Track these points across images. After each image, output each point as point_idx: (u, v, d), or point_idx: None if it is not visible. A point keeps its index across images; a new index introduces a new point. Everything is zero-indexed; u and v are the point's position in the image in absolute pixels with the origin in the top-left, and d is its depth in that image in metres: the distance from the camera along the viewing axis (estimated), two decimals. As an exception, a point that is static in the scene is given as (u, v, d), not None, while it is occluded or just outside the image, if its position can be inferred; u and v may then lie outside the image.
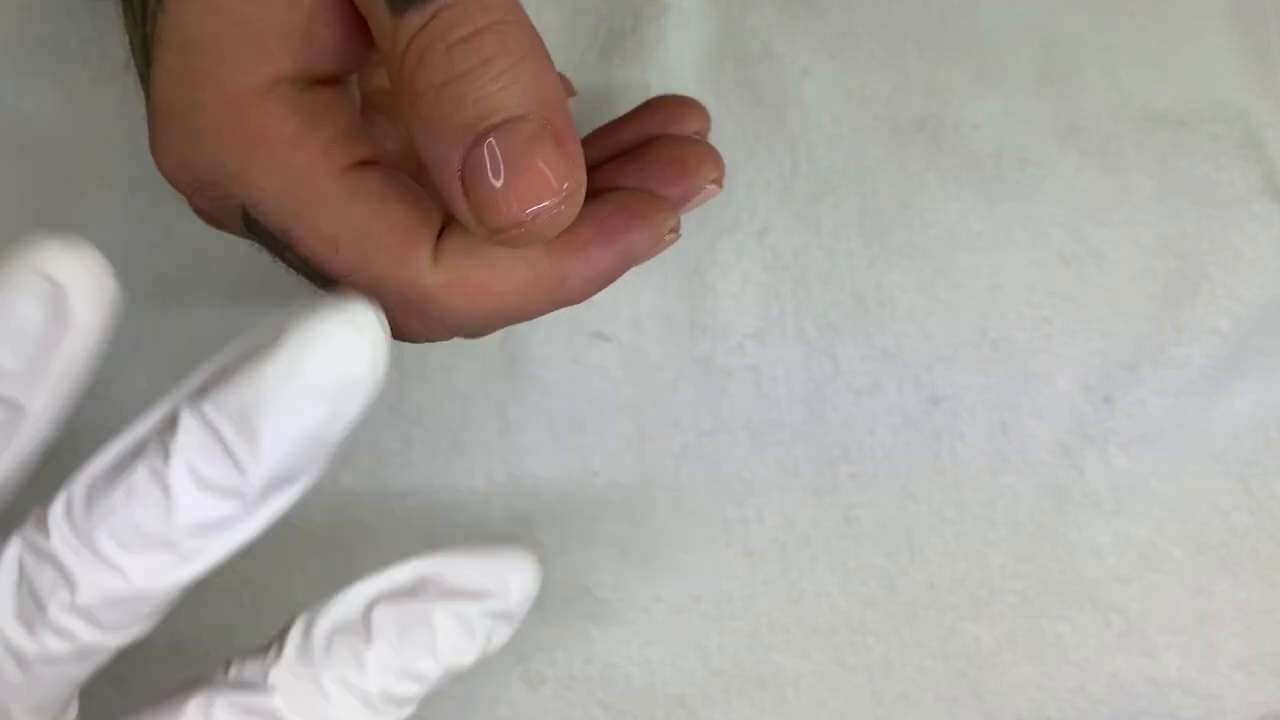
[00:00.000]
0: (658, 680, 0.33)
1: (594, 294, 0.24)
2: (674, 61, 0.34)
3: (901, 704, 0.34)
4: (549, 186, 0.20)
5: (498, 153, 0.19)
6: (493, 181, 0.19)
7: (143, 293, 0.33)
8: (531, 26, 0.21)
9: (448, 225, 0.23)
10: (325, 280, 0.22)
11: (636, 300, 0.34)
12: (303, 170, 0.21)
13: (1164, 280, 0.34)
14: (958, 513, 0.34)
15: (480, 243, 0.22)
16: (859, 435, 0.34)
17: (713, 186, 0.26)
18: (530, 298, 0.23)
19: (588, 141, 0.28)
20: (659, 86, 0.34)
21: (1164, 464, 0.34)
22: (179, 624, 0.33)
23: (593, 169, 0.27)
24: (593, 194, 0.24)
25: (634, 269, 0.34)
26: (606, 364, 0.34)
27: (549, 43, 0.34)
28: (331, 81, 0.22)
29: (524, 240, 0.20)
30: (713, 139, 0.34)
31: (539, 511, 0.33)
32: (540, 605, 0.33)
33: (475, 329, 0.23)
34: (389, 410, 0.33)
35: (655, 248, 0.25)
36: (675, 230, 0.25)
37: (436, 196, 0.22)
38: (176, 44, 0.21)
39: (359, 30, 0.22)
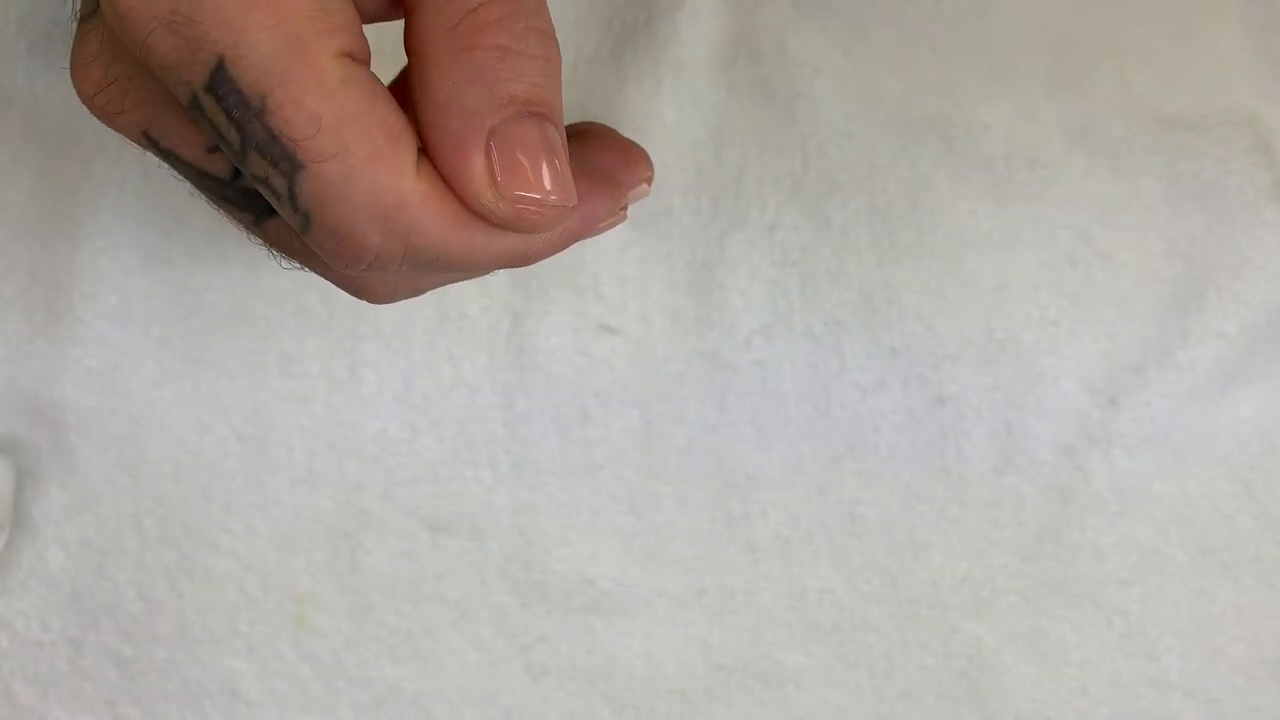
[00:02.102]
0: (659, 673, 0.33)
1: (548, 256, 0.23)
2: (686, 57, 0.34)
3: (902, 702, 0.34)
4: (559, 187, 0.21)
5: (537, 135, 0.20)
6: (522, 155, 0.20)
7: (153, 277, 0.33)
8: None
9: None
10: (285, 166, 0.21)
11: (644, 294, 0.34)
12: (303, 39, 0.20)
13: (1171, 284, 0.34)
14: (961, 512, 0.34)
15: None
16: (864, 433, 0.34)
17: (644, 185, 0.26)
18: (494, 242, 0.22)
19: None
20: (671, 81, 0.34)
21: (1168, 467, 0.34)
22: (184, 608, 0.33)
23: None
24: None
25: (643, 261, 0.34)
26: (613, 357, 0.34)
27: (560, 35, 0.35)
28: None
29: (526, 219, 0.21)
30: (725, 134, 0.34)
31: (543, 502, 0.33)
32: (544, 596, 0.33)
33: (427, 261, 0.22)
34: (395, 399, 0.33)
35: (609, 221, 0.25)
36: (624, 210, 0.26)
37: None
38: None
39: None
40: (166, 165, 0.23)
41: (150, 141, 0.23)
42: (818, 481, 0.34)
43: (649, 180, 0.27)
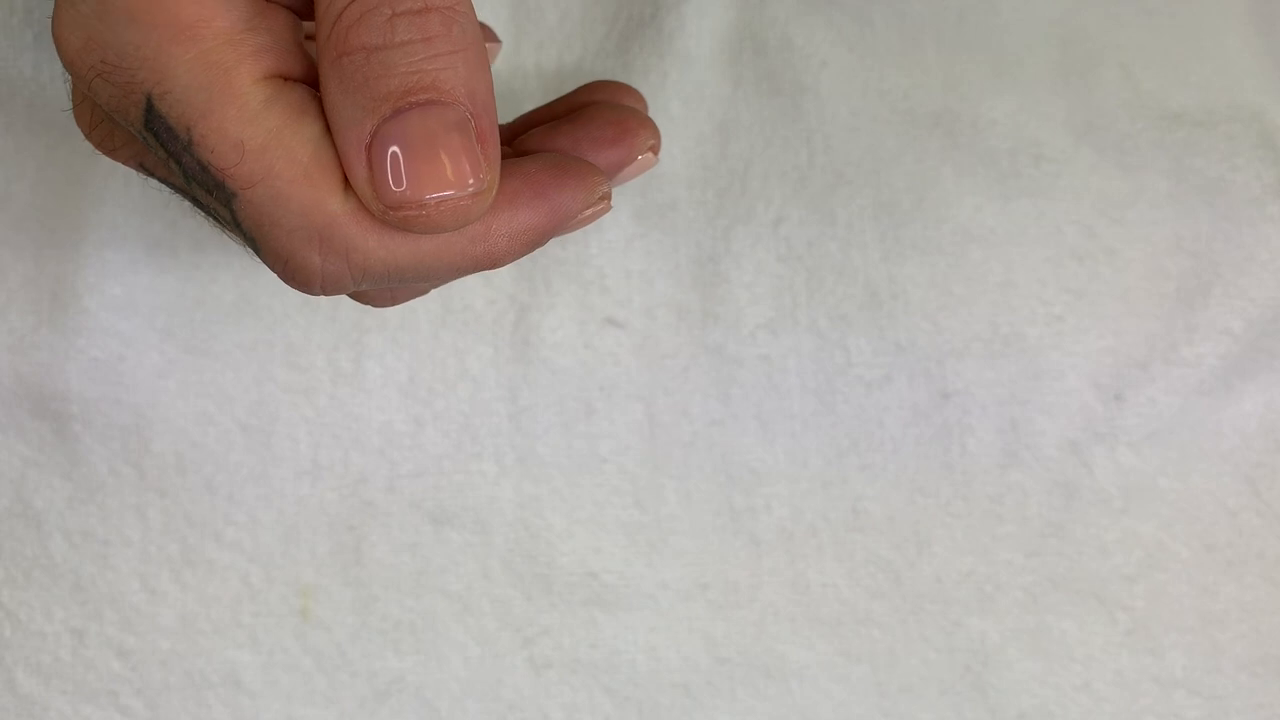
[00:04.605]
0: (662, 667, 0.33)
1: (518, 256, 0.22)
2: (692, 50, 0.34)
3: (905, 697, 0.34)
4: (458, 178, 0.20)
5: (414, 130, 0.19)
6: (400, 157, 0.19)
7: (158, 268, 0.33)
8: (478, 25, 0.20)
9: None
10: (220, 196, 0.21)
11: (649, 288, 0.34)
12: (223, 66, 0.20)
13: (1177, 279, 0.34)
14: (966, 507, 0.34)
15: None
16: (869, 428, 0.34)
17: (649, 155, 0.25)
18: (449, 248, 0.21)
19: (520, 116, 0.27)
20: (677, 75, 0.34)
21: (1173, 463, 0.34)
22: (187, 600, 0.33)
23: (525, 130, 0.26)
24: (523, 154, 0.23)
25: (648, 255, 0.34)
26: (618, 350, 0.34)
27: (567, 29, 0.35)
28: (285, 5, 0.22)
29: (419, 225, 0.20)
30: (730, 128, 0.34)
31: (547, 495, 0.33)
32: (547, 589, 0.33)
33: (380, 275, 0.21)
34: (400, 392, 0.33)
35: (586, 212, 0.23)
36: (607, 198, 0.24)
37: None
38: None
39: None
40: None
41: (146, 171, 0.23)
42: (822, 476, 0.34)
43: (654, 149, 0.25)
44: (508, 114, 0.34)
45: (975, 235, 0.34)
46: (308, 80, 0.21)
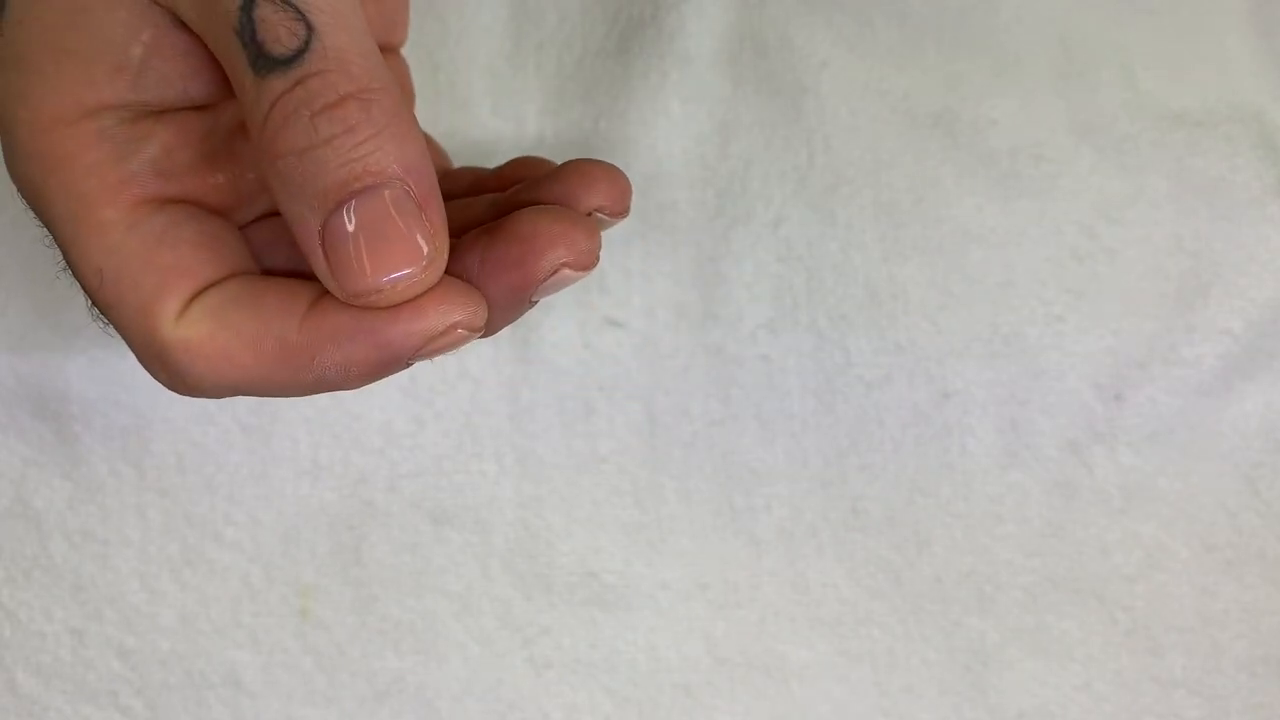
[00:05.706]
0: (662, 667, 0.33)
1: (363, 383, 0.22)
2: (692, 51, 0.34)
3: (905, 697, 0.34)
4: (409, 255, 0.20)
5: (358, 220, 0.20)
6: (352, 248, 0.20)
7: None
8: (398, 92, 0.20)
9: (219, 282, 0.22)
10: (99, 312, 0.22)
11: (650, 287, 0.34)
12: (87, 198, 0.21)
13: (1177, 280, 0.34)
14: (966, 507, 0.34)
15: (230, 307, 0.21)
16: (869, 428, 0.34)
17: (566, 270, 0.22)
18: (276, 373, 0.21)
19: (459, 204, 0.26)
20: (677, 75, 0.34)
21: (1173, 463, 0.34)
22: (187, 600, 0.33)
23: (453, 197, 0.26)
24: None
25: (649, 255, 0.34)
26: (618, 350, 0.34)
27: (567, 29, 0.35)
28: (187, 109, 0.22)
29: (382, 304, 0.21)
30: (730, 128, 0.34)
31: (547, 495, 0.33)
32: (547, 589, 0.33)
33: (214, 392, 0.22)
34: (400, 391, 0.33)
35: (430, 345, 0.21)
36: (470, 328, 0.21)
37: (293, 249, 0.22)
38: (8, 62, 0.21)
39: (211, 64, 0.22)
40: None
41: None
42: (821, 476, 0.34)
43: (572, 264, 0.22)
44: (507, 112, 0.35)
45: (975, 235, 0.34)
46: (190, 194, 0.22)
